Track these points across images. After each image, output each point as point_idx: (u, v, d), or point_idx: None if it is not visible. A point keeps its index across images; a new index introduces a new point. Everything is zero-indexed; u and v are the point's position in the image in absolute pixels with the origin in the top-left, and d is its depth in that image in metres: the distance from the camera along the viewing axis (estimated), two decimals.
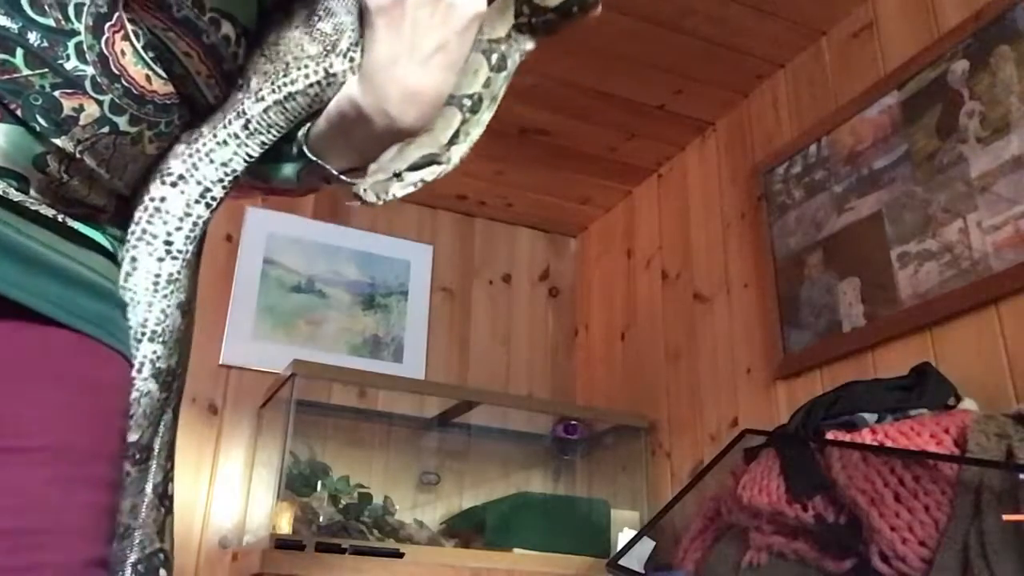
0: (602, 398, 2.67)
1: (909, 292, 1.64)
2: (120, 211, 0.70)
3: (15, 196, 0.60)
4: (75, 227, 0.65)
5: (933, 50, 1.68)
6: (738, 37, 2.03)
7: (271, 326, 2.49)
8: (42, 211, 0.62)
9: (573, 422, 2.59)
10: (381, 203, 0.66)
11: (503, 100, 0.72)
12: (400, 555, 1.86)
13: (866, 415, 1.42)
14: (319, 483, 2.21)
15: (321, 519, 2.12)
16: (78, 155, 0.62)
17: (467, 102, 0.69)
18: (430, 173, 0.67)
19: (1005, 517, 1.11)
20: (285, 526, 1.95)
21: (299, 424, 2.12)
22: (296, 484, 2.17)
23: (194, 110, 0.70)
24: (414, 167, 0.66)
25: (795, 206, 1.98)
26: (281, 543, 1.79)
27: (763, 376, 2.00)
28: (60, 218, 0.64)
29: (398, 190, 0.66)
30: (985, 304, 1.49)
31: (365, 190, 0.65)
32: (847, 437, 1.37)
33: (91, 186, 0.66)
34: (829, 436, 1.40)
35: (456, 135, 0.68)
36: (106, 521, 0.63)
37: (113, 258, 0.68)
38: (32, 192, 0.63)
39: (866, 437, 1.34)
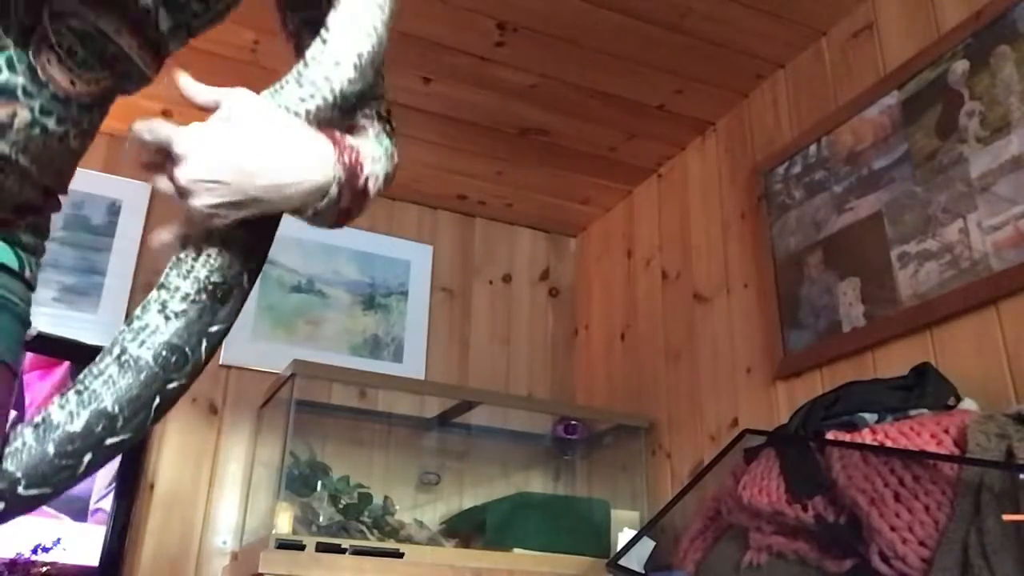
0: (602, 398, 2.67)
1: (909, 292, 1.64)
2: (42, 208, 0.76)
3: None
4: None
5: (933, 50, 1.68)
6: (738, 37, 2.03)
7: (271, 326, 2.49)
8: None
9: (573, 422, 2.59)
10: None
11: (503, 101, 0.73)
12: (400, 555, 1.86)
13: (866, 415, 1.42)
14: (319, 483, 2.21)
15: (321, 519, 2.13)
16: (14, 156, 0.68)
17: None
18: None
19: (1005, 517, 1.11)
20: (285, 526, 1.95)
21: (299, 424, 2.12)
22: (296, 484, 2.17)
23: (129, 78, 0.77)
24: None
25: (795, 206, 1.98)
26: (281, 543, 1.79)
27: (763, 376, 2.00)
28: None
29: None
30: (985, 304, 1.49)
31: None
32: (847, 437, 1.37)
33: (22, 184, 0.71)
34: (829, 436, 1.40)
35: None
36: None
37: (20, 277, 0.73)
38: None
39: (866, 437, 1.34)
